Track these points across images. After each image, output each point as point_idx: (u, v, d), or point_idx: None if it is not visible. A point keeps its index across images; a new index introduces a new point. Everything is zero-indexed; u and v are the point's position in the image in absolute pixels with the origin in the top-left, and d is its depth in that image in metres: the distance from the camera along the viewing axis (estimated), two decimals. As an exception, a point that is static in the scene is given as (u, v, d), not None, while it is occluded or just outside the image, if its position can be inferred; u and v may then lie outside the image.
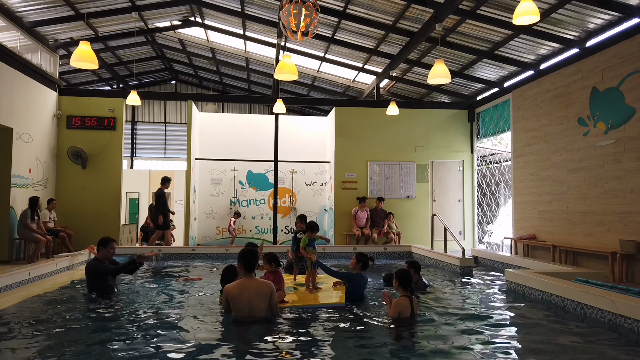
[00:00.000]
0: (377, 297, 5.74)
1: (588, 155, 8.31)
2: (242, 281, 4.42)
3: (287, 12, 6.06)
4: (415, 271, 6.13)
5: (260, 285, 4.38)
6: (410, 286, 4.57)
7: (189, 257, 9.95)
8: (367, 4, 9.52)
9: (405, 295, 4.54)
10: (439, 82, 7.49)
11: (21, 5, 9.42)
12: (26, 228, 8.96)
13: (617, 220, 7.65)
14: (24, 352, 3.68)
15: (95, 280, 5.59)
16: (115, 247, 5.89)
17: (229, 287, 4.42)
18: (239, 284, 4.41)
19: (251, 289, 4.32)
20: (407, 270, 4.74)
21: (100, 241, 5.80)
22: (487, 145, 13.55)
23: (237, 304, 4.32)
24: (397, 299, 4.56)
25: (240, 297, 4.30)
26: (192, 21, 13.19)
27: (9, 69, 9.25)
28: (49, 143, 11.06)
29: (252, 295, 4.29)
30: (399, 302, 4.51)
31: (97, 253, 5.83)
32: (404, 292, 4.56)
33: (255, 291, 4.32)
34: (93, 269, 5.61)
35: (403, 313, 4.46)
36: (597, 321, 4.59)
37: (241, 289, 4.34)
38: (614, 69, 7.76)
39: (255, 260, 4.48)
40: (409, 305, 4.49)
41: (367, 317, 4.75)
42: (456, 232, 11.97)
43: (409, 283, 4.58)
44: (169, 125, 19.83)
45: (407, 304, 4.49)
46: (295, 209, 13.43)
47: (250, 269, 4.43)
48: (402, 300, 4.52)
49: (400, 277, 4.61)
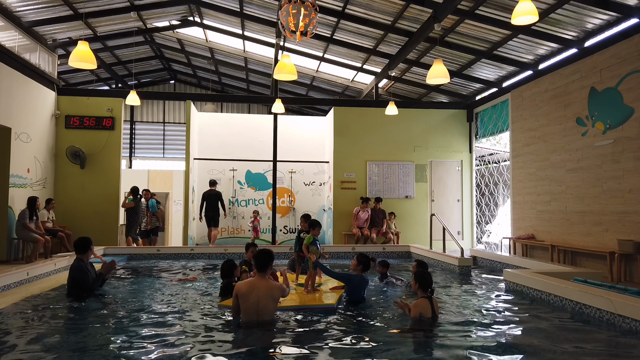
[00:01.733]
0: (380, 299, 5.66)
1: (586, 155, 8.32)
2: (253, 280, 4.39)
3: (286, 12, 6.05)
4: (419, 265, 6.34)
5: (271, 287, 4.33)
6: (430, 287, 4.54)
7: (188, 257, 9.96)
8: (366, 3, 9.52)
9: (425, 296, 4.51)
10: (438, 82, 7.50)
11: (20, 5, 9.40)
12: (25, 228, 8.94)
13: (615, 220, 7.66)
14: (22, 351, 3.68)
15: (77, 285, 5.55)
16: (92, 247, 5.85)
17: (240, 285, 4.40)
18: (250, 282, 4.37)
19: (261, 289, 4.27)
20: (426, 272, 4.68)
21: (80, 245, 5.73)
22: (486, 145, 13.56)
23: (245, 302, 4.25)
24: (417, 300, 4.53)
25: (250, 295, 4.25)
26: (191, 21, 13.18)
27: (7, 69, 9.24)
28: (48, 143, 11.04)
29: (262, 295, 4.24)
30: (419, 303, 4.48)
31: (83, 256, 5.75)
32: (424, 293, 4.53)
33: (266, 292, 4.27)
34: (75, 272, 5.54)
35: (424, 314, 4.43)
36: (596, 321, 4.59)
37: (252, 287, 4.29)
38: (612, 69, 7.77)
39: (269, 260, 4.44)
40: (429, 306, 4.46)
41: (365, 319, 4.70)
42: (455, 232, 11.98)
43: (428, 284, 4.54)
44: (168, 125, 19.81)
45: (427, 305, 4.46)
46: (294, 208, 13.43)
47: (263, 268, 4.37)
48: (422, 301, 4.48)
49: (419, 279, 4.58)
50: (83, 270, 5.57)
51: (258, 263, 4.40)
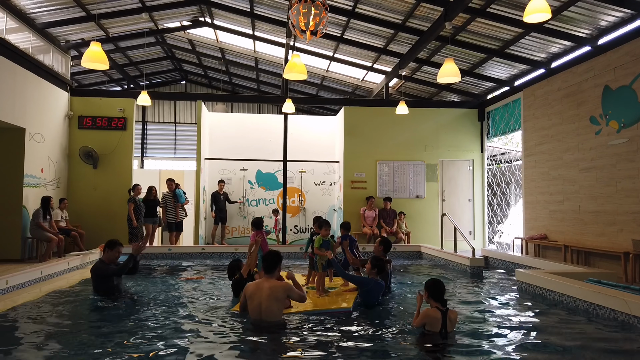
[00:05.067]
0: (395, 304, 5.45)
1: (600, 154, 8.21)
2: (260, 281, 4.46)
3: (296, 12, 6.06)
4: (383, 249, 6.03)
5: (274, 287, 4.35)
6: (443, 297, 4.00)
7: (199, 256, 10.02)
8: (377, 2, 9.49)
9: (438, 307, 3.96)
10: (449, 81, 7.45)
11: (33, 7, 9.52)
12: (38, 227, 9.06)
13: (630, 220, 7.55)
14: (35, 349, 3.72)
15: (101, 282, 5.63)
16: (121, 251, 5.86)
17: (248, 285, 4.48)
18: (256, 283, 4.45)
19: (264, 290, 4.32)
20: (438, 280, 4.10)
21: (107, 243, 5.81)
22: (498, 145, 13.45)
23: (251, 303, 4.35)
24: (428, 309, 4.03)
25: (254, 296, 4.33)
26: (202, 21, 13.24)
27: (21, 70, 9.36)
28: (61, 143, 11.17)
29: (264, 297, 4.28)
30: (428, 312, 3.98)
31: (103, 254, 5.85)
32: (436, 304, 3.97)
33: (268, 293, 4.30)
34: (98, 271, 5.65)
35: (430, 326, 3.92)
36: (610, 322, 4.53)
37: (256, 288, 4.37)
38: (626, 67, 7.66)
39: (276, 262, 4.49)
40: (439, 319, 3.90)
41: (379, 324, 4.51)
42: (466, 232, 11.89)
43: (440, 293, 3.98)
44: (179, 125, 19.93)
45: (437, 317, 3.91)
46: (305, 208, 13.44)
47: (270, 270, 4.45)
48: (432, 311, 3.96)
49: (430, 287, 4.03)
50: (101, 267, 5.67)
51: (266, 265, 4.45)
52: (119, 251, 5.83)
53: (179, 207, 11.08)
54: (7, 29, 9.02)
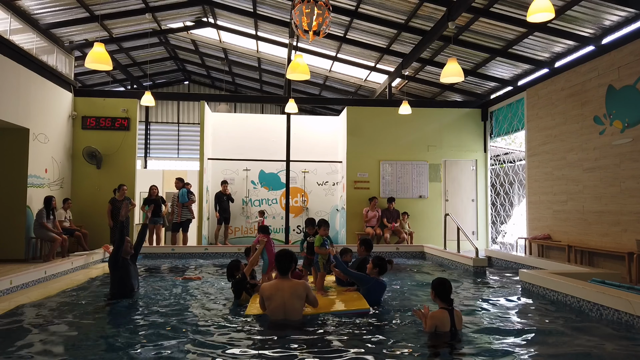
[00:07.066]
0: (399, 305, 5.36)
1: (604, 154, 8.18)
2: (277, 282, 4.48)
3: (299, 12, 6.05)
4: (365, 249, 6.10)
5: (294, 286, 4.41)
6: (449, 296, 4.03)
7: (202, 256, 10.03)
8: (379, 2, 9.48)
9: (445, 307, 4.02)
10: (452, 80, 7.44)
11: (37, 8, 9.55)
12: (42, 227, 9.08)
13: (634, 220, 7.52)
14: (37, 349, 3.73)
15: (118, 277, 5.61)
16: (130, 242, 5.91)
17: (264, 287, 4.48)
18: (273, 284, 4.46)
19: (285, 289, 4.36)
20: (444, 279, 4.13)
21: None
22: (501, 145, 13.42)
23: (272, 304, 4.35)
24: (433, 312, 4.04)
25: (274, 296, 4.34)
26: (205, 22, 13.27)
27: (25, 71, 9.39)
28: (65, 143, 11.21)
29: (287, 296, 4.33)
30: (435, 315, 3.99)
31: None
32: (443, 303, 4.02)
33: (290, 291, 4.35)
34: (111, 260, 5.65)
35: (440, 328, 3.94)
36: (614, 322, 4.51)
37: (275, 289, 4.39)
38: (630, 66, 7.63)
39: (290, 263, 4.50)
40: (448, 318, 3.95)
41: (377, 328, 4.40)
42: (469, 232, 11.87)
43: (447, 293, 4.02)
44: (182, 125, 19.97)
45: (444, 317, 3.95)
46: (307, 208, 13.44)
47: (284, 271, 4.47)
48: (438, 313, 3.99)
49: (436, 287, 4.06)
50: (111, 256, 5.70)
51: (280, 267, 4.46)
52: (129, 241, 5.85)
53: (180, 207, 11.12)
54: (12, 30, 9.06)
